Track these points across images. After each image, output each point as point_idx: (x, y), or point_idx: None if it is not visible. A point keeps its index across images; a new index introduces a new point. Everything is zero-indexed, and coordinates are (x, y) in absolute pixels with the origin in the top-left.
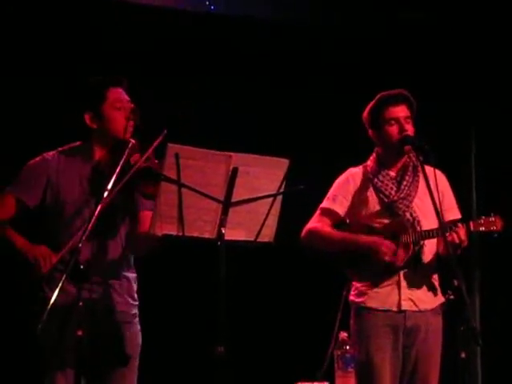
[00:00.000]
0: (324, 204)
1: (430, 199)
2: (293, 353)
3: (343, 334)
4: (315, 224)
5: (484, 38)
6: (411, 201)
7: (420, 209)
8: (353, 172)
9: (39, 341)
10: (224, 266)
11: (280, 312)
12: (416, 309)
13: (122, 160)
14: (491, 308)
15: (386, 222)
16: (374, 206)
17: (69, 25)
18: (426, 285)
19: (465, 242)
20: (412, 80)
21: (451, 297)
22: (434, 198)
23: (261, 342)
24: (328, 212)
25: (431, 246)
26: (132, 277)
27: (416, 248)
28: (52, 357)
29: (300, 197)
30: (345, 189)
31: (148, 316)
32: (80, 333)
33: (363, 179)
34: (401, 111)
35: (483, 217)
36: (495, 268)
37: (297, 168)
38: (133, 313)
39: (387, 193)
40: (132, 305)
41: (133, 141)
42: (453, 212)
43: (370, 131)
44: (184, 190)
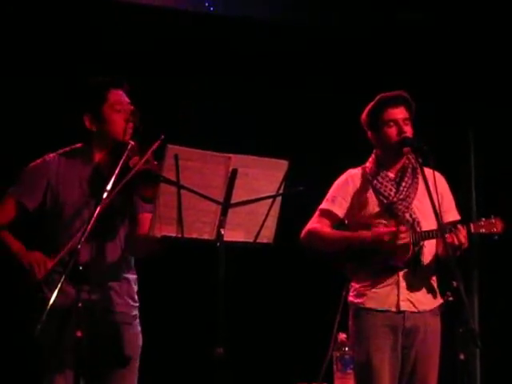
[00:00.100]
0: (323, 205)
1: (430, 201)
2: (292, 354)
3: (342, 335)
4: (314, 225)
5: (482, 39)
6: (410, 202)
7: (419, 210)
8: (352, 173)
9: (38, 342)
10: (223, 267)
11: (279, 313)
12: (415, 310)
13: (121, 161)
14: (490, 309)
15: (386, 224)
16: (374, 208)
17: (69, 25)
18: (425, 286)
19: (465, 244)
20: (411, 81)
21: (450, 298)
22: (433, 200)
23: (260, 343)
24: (327, 213)
25: (430, 247)
26: (132, 278)
27: (416, 249)
28: (51, 357)
29: (299, 198)
30: (344, 190)
31: (147, 317)
32: (79, 334)
33: (362, 180)
34: (399, 113)
35: (483, 219)
36: (494, 269)
37: (296, 169)
38: (133, 314)
39: (386, 194)
40: (132, 306)
41: (132, 142)
42: (452, 213)
43: (369, 133)
44: (183, 192)
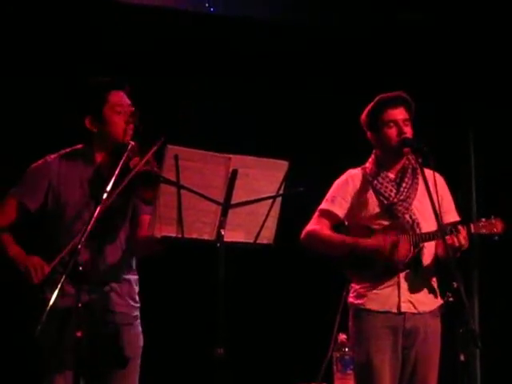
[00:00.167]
0: (323, 205)
1: (430, 201)
2: (292, 354)
3: (342, 336)
4: (314, 226)
5: (482, 39)
6: (411, 203)
7: (419, 211)
8: (352, 173)
9: (38, 342)
10: (223, 268)
11: (279, 314)
12: (415, 311)
13: (121, 162)
14: (490, 310)
15: (386, 224)
16: (374, 208)
17: (69, 25)
18: (426, 287)
19: (465, 245)
20: (411, 81)
21: (450, 299)
22: (434, 201)
23: (260, 344)
24: (327, 213)
25: (430, 249)
26: (133, 279)
27: (416, 250)
28: (51, 358)
29: (299, 198)
30: (344, 190)
31: (147, 317)
32: (79, 334)
33: (362, 181)
34: (399, 114)
35: (483, 219)
36: (494, 270)
37: (296, 169)
38: (134, 315)
39: (387, 195)
40: (133, 307)
41: (132, 143)
42: (451, 214)
43: (369, 133)
44: (183, 192)
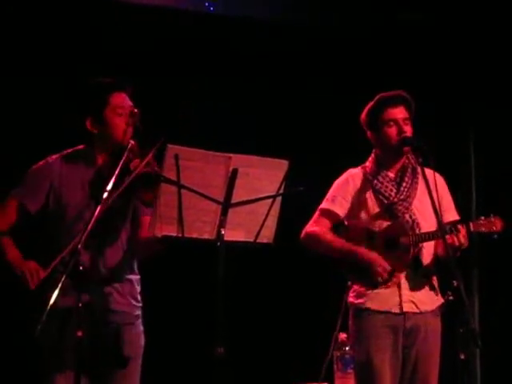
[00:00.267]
0: (323, 205)
1: (430, 201)
2: (292, 354)
3: (342, 335)
4: (314, 227)
5: (483, 39)
6: (411, 202)
7: (419, 211)
8: (352, 173)
9: (38, 342)
10: (223, 267)
11: (279, 313)
12: (417, 310)
13: (122, 161)
14: (490, 309)
15: (386, 225)
16: (373, 208)
17: (69, 25)
18: (426, 286)
19: (465, 244)
20: (411, 81)
21: (450, 298)
22: (434, 200)
23: (260, 343)
24: (327, 213)
25: (429, 248)
26: (135, 279)
27: (415, 250)
28: (51, 357)
29: (299, 198)
30: (344, 189)
31: (147, 316)
32: (80, 334)
33: (363, 180)
34: (399, 113)
35: (483, 217)
36: (494, 268)
37: (295, 169)
38: (136, 314)
39: (387, 194)
40: (135, 306)
41: (132, 142)
42: (451, 213)
43: (369, 132)
44: (184, 191)
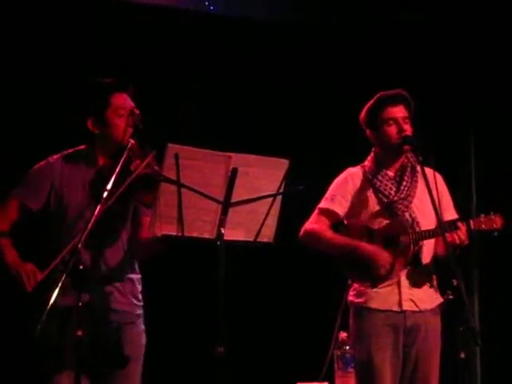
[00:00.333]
0: (322, 204)
1: (430, 199)
2: (292, 353)
3: (343, 334)
4: (313, 225)
5: (482, 39)
6: (411, 201)
7: (419, 209)
8: (351, 172)
9: (38, 341)
10: (223, 266)
11: (280, 312)
12: (416, 309)
13: (122, 160)
14: (490, 307)
15: (385, 223)
16: (373, 207)
17: (69, 25)
18: (426, 285)
19: (465, 242)
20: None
21: (450, 297)
22: (434, 199)
23: (261, 342)
24: (326, 212)
25: (429, 246)
26: (136, 278)
27: (415, 248)
28: (52, 357)
29: (298, 197)
30: (343, 189)
31: (147, 316)
32: (79, 333)
33: (362, 179)
34: (399, 111)
35: (483, 215)
36: (494, 267)
37: (294, 168)
38: (137, 313)
39: (387, 193)
40: (136, 305)
41: (132, 141)
42: (450, 212)
43: (368, 131)
44: (183, 191)
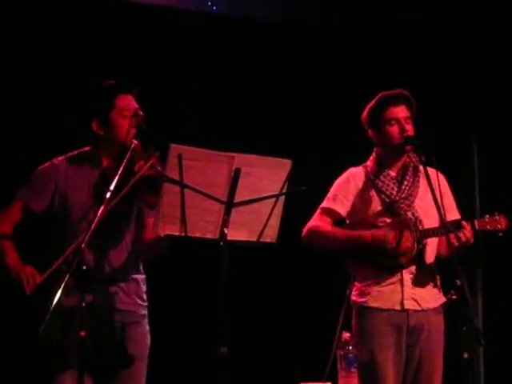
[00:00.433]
0: (324, 204)
1: (432, 199)
2: (295, 353)
3: (346, 334)
4: (316, 222)
5: (483, 39)
6: (413, 201)
7: (421, 209)
8: (353, 172)
9: (42, 342)
10: (226, 266)
11: (282, 312)
12: (419, 308)
13: (125, 160)
14: (494, 307)
15: (389, 221)
16: (376, 206)
17: (69, 25)
18: (429, 284)
19: (471, 240)
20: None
21: (454, 296)
22: (437, 198)
23: (263, 343)
24: (329, 212)
25: (433, 246)
26: (141, 278)
27: (419, 247)
28: (55, 358)
29: (300, 197)
30: (345, 189)
31: (150, 316)
32: (83, 333)
33: (364, 179)
34: (401, 111)
35: (487, 215)
36: (497, 267)
37: (296, 168)
38: (141, 313)
39: (388, 193)
40: (141, 305)
41: (135, 141)
42: (452, 212)
43: (370, 131)
44: (186, 191)
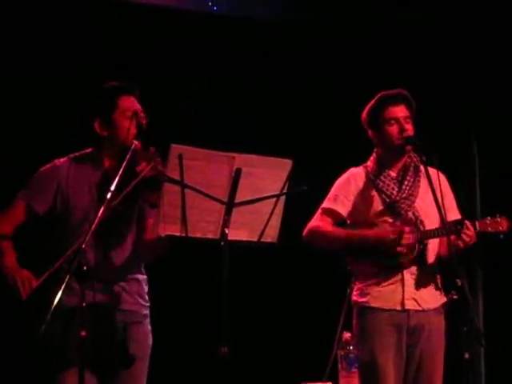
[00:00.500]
0: (325, 204)
1: (433, 199)
2: (296, 353)
3: (347, 335)
4: (317, 222)
5: (483, 39)
6: (413, 201)
7: (422, 209)
8: (354, 172)
9: (43, 341)
10: (227, 267)
11: (283, 312)
12: (419, 308)
13: (126, 160)
14: (494, 307)
15: (390, 222)
16: (377, 207)
17: (69, 25)
18: (430, 284)
19: (473, 239)
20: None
21: (454, 296)
22: (437, 198)
23: (264, 343)
24: (329, 212)
25: (434, 246)
26: (142, 278)
27: (420, 247)
28: (56, 357)
29: (301, 197)
30: (346, 189)
31: (151, 316)
32: (83, 333)
33: (365, 180)
34: (400, 111)
35: (489, 217)
36: (498, 267)
37: (296, 168)
38: (143, 313)
39: (389, 193)
40: (143, 305)
41: (136, 142)
42: (453, 212)
43: (370, 131)
44: (187, 191)
